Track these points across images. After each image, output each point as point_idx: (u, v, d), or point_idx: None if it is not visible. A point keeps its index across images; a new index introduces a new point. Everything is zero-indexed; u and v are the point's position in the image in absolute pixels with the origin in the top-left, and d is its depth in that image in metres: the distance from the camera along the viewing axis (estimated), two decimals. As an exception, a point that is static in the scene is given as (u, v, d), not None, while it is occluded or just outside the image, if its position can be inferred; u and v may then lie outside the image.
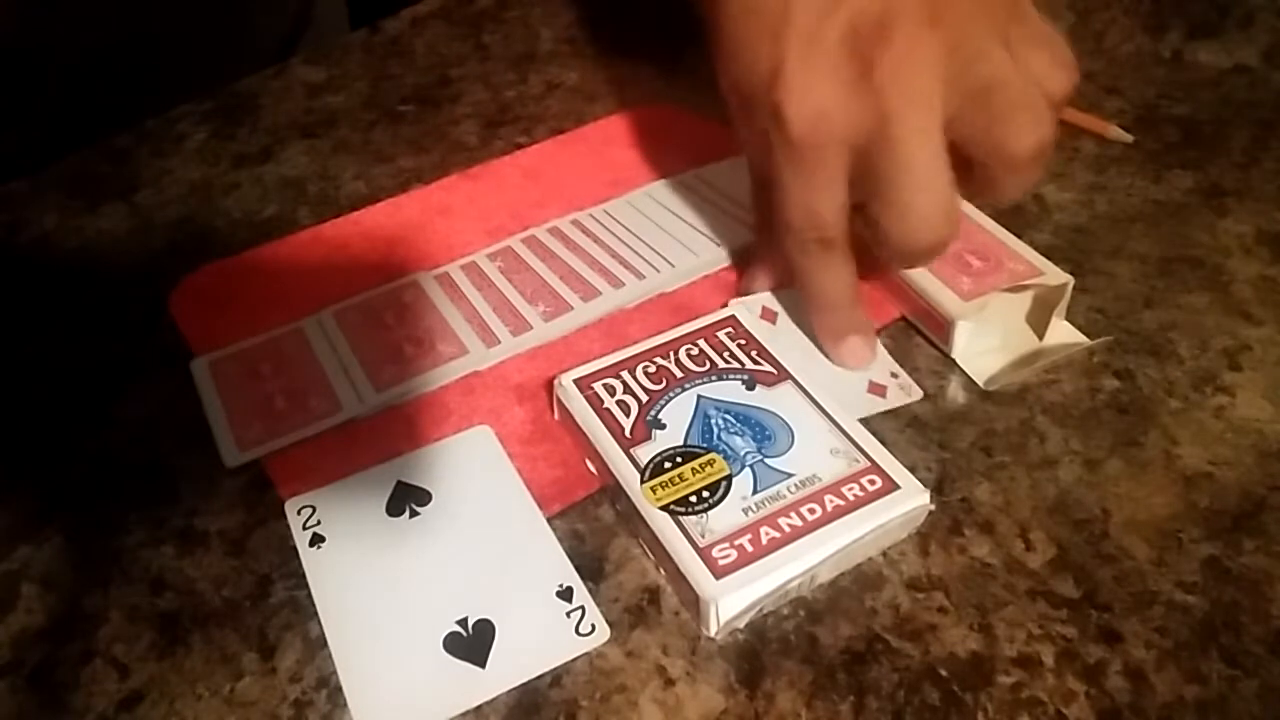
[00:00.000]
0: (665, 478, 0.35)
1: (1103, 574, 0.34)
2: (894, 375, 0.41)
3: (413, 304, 0.46)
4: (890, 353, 0.43)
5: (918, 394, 0.40)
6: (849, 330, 0.41)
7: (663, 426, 0.37)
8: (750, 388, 0.39)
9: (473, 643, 0.32)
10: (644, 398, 0.38)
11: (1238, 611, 0.33)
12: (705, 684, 0.32)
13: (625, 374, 0.39)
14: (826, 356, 0.41)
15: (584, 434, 0.37)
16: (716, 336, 0.41)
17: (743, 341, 0.41)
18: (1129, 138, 0.56)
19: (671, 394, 0.38)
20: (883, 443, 0.36)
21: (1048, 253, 0.44)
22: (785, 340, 0.41)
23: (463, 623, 0.33)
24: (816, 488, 0.34)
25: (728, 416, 0.37)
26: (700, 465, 0.35)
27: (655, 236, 0.49)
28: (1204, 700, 0.31)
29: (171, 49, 0.65)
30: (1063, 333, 0.43)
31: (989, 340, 0.42)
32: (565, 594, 0.34)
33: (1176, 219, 0.50)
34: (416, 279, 0.47)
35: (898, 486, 0.34)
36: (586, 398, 0.38)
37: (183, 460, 0.40)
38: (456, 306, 0.46)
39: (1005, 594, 0.34)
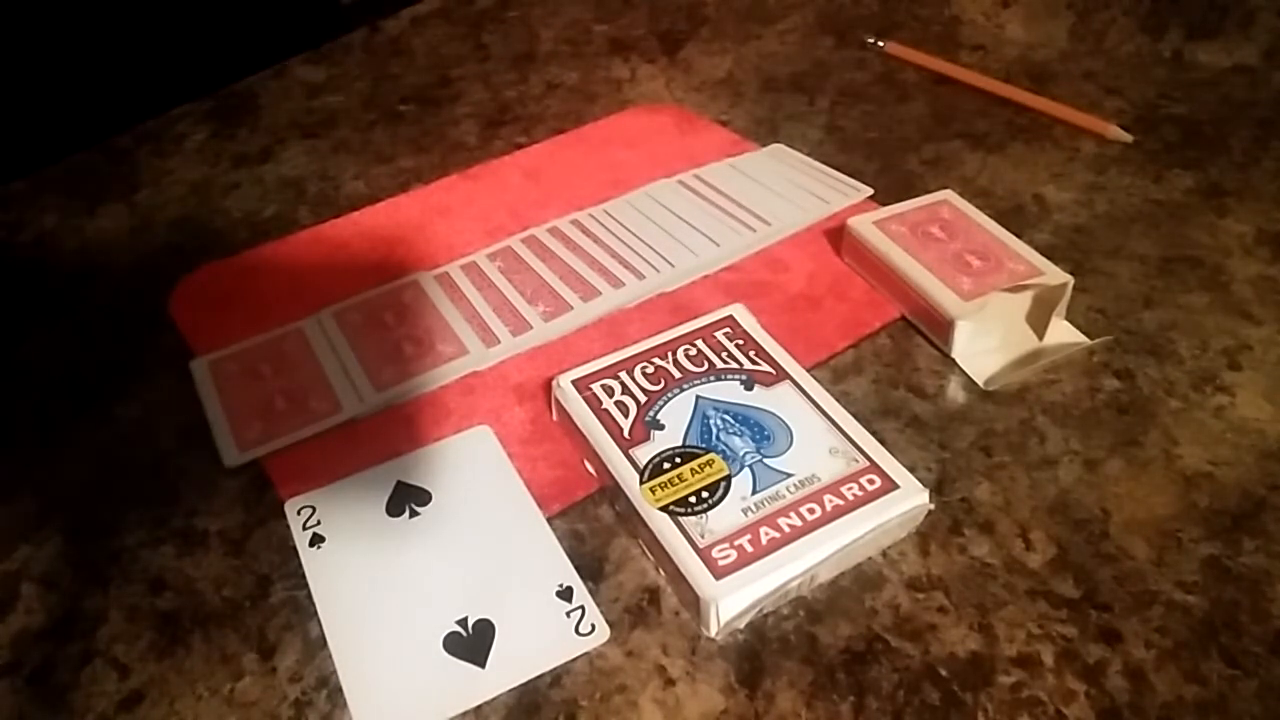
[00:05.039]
0: (664, 478, 0.35)
1: (1103, 574, 0.34)
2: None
3: (413, 304, 0.46)
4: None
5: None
6: None
7: (661, 427, 0.37)
8: (749, 388, 0.39)
9: (473, 643, 0.32)
10: (642, 398, 0.38)
11: (1238, 611, 0.33)
12: (705, 684, 0.32)
13: (623, 375, 0.39)
14: None
15: (582, 435, 0.37)
16: (715, 337, 0.41)
17: (740, 342, 0.41)
18: (1129, 138, 0.56)
19: (670, 394, 0.38)
20: (882, 442, 0.36)
21: (1048, 253, 0.44)
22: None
23: (463, 623, 0.33)
24: (816, 488, 0.34)
25: (726, 417, 0.37)
26: (699, 466, 0.35)
27: (655, 236, 0.49)
28: (1204, 700, 0.30)
29: (171, 49, 0.65)
30: (1063, 332, 0.43)
31: (989, 340, 0.42)
32: (565, 594, 0.34)
33: (1176, 219, 0.50)
34: (416, 279, 0.47)
35: (897, 486, 0.34)
36: (585, 399, 0.38)
37: (183, 460, 0.40)
38: (456, 306, 0.46)
39: (1005, 594, 0.34)
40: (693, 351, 0.40)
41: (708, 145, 0.57)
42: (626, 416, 0.37)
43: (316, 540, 0.36)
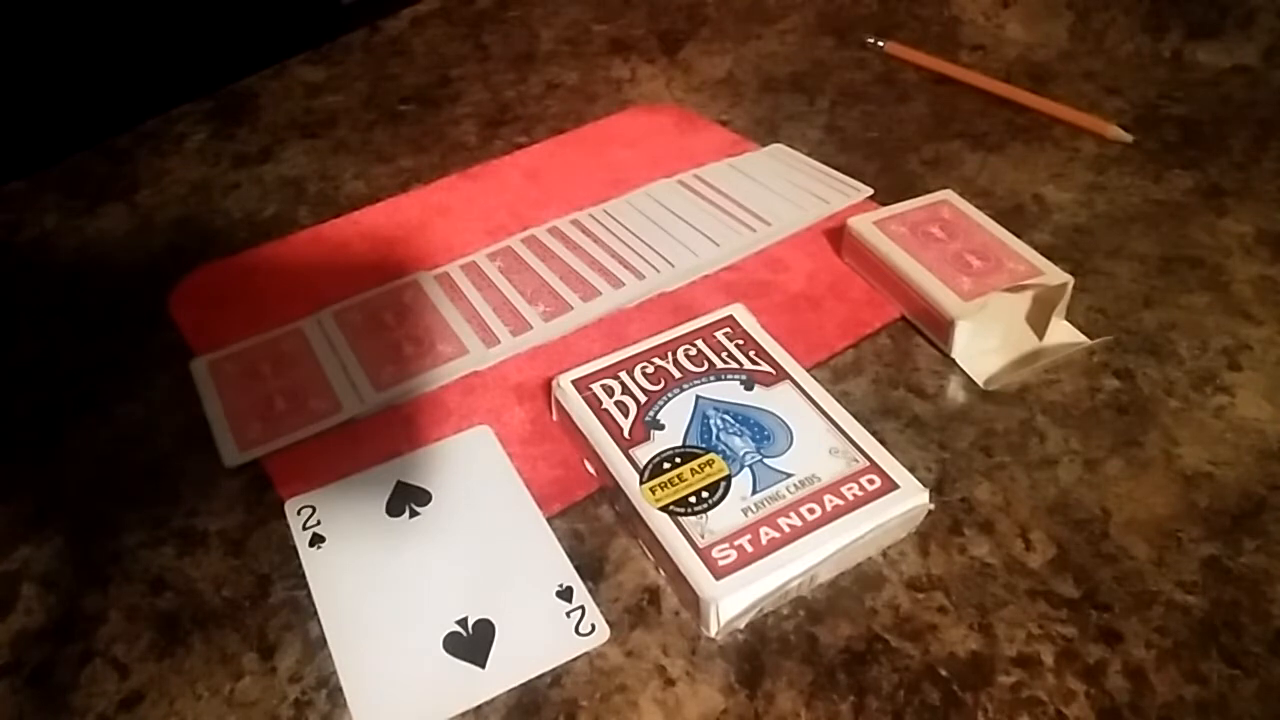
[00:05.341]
0: (664, 478, 0.35)
1: (1103, 574, 0.34)
2: None
3: (413, 304, 0.46)
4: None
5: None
6: None
7: (661, 427, 0.37)
8: (749, 388, 0.39)
9: (473, 643, 0.32)
10: (642, 398, 0.38)
11: (1238, 611, 0.33)
12: (705, 684, 0.32)
13: (623, 374, 0.39)
14: None
15: (582, 435, 0.37)
16: (715, 337, 0.41)
17: (740, 342, 0.41)
18: (1129, 138, 0.56)
19: (670, 394, 0.38)
20: (882, 442, 0.36)
21: (1048, 253, 0.44)
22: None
23: (463, 623, 0.33)
24: (816, 488, 0.34)
25: (726, 417, 0.37)
26: (699, 466, 0.35)
27: (655, 236, 0.49)
28: (1204, 700, 0.30)
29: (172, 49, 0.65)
30: (1063, 333, 0.43)
31: (989, 340, 0.42)
32: (565, 594, 0.34)
33: (1176, 219, 0.50)
34: (416, 279, 0.47)
35: (897, 486, 0.34)
36: (585, 399, 0.38)
37: (183, 460, 0.40)
38: (456, 306, 0.46)
39: (1005, 594, 0.34)
40: (693, 351, 0.40)
41: (708, 145, 0.57)
42: (626, 416, 0.37)
43: (316, 540, 0.36)
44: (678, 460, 0.36)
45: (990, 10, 0.69)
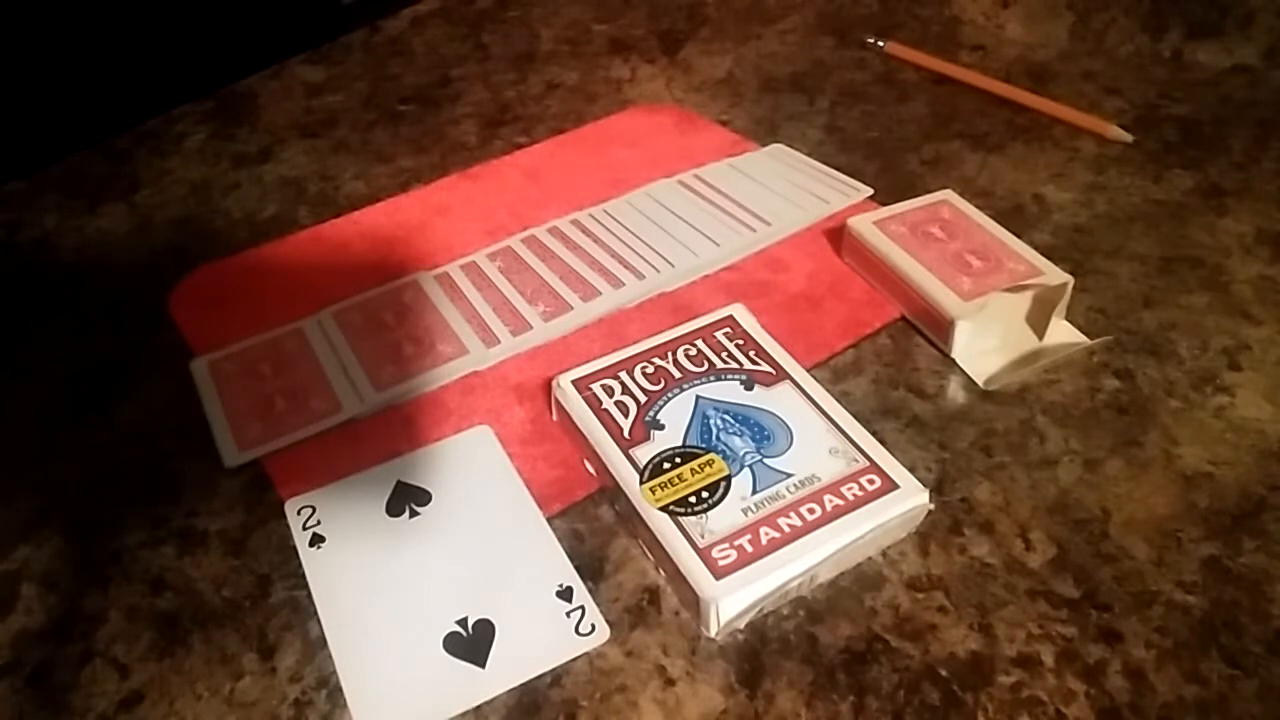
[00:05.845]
0: (664, 478, 0.35)
1: (1103, 574, 0.34)
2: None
3: (413, 304, 0.46)
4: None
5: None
6: None
7: (661, 427, 0.37)
8: (749, 388, 0.39)
9: (473, 643, 0.32)
10: (642, 398, 0.38)
11: (1238, 611, 0.33)
12: (705, 684, 0.32)
13: (624, 374, 0.39)
14: None
15: (582, 435, 0.37)
16: (715, 337, 0.41)
17: (740, 342, 0.41)
18: (1129, 138, 0.56)
19: (670, 394, 0.38)
20: (882, 442, 0.36)
21: (1048, 253, 0.44)
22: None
23: (463, 623, 0.33)
24: (816, 488, 0.34)
25: (726, 417, 0.37)
26: (699, 466, 0.35)
27: (655, 236, 0.49)
28: (1204, 700, 0.30)
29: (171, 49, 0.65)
30: (1063, 333, 0.43)
31: (989, 340, 0.42)
32: (565, 594, 0.34)
33: (1176, 219, 0.50)
34: (416, 279, 0.47)
35: (897, 486, 0.34)
36: (585, 399, 0.38)
37: (183, 460, 0.40)
38: (456, 306, 0.46)
39: (1005, 594, 0.34)
40: (693, 351, 0.40)
41: (708, 145, 0.57)
42: (626, 416, 0.37)
43: (316, 540, 0.36)
44: (678, 460, 0.36)
45: (990, 10, 0.69)
